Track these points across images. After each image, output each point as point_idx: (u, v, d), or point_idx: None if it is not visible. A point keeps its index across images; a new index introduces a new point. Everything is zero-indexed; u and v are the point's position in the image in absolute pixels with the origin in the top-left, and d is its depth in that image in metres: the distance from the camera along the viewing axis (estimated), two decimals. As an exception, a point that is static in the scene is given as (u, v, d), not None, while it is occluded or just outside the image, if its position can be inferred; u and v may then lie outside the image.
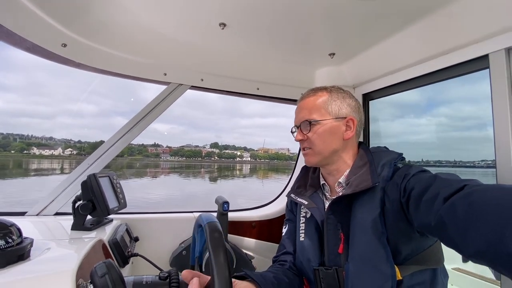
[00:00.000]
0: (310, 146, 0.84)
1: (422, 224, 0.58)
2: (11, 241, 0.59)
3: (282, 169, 31.85)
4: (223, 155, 32.12)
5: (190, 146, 32.85)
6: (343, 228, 0.75)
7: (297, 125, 0.87)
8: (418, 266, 0.69)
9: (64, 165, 22.56)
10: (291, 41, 1.18)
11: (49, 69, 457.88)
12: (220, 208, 1.19)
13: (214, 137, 52.15)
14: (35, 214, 1.07)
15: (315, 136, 0.82)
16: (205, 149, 32.32)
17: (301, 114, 0.86)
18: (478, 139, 4.30)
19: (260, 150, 35.22)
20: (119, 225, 1.03)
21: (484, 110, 0.86)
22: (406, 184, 0.66)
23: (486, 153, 0.76)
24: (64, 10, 0.93)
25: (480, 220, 0.45)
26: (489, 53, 0.85)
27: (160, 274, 0.69)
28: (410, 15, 0.97)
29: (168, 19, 1.04)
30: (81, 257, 0.61)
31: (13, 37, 0.89)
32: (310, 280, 0.82)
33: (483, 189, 0.49)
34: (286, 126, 1.08)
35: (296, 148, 1.46)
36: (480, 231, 0.44)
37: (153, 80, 1.25)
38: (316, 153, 0.83)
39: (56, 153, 21.12)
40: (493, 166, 0.88)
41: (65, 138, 44.18)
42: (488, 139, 0.88)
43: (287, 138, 8.99)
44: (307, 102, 0.87)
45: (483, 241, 0.44)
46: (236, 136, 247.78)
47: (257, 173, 30.25)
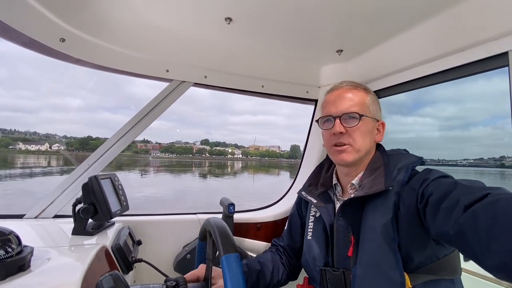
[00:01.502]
0: (348, 142, 0.77)
1: (440, 233, 0.55)
2: (10, 251, 0.56)
3: (275, 166, 32.11)
4: (214, 152, 31.73)
5: (180, 143, 32.17)
6: (353, 230, 0.73)
7: (336, 115, 0.79)
8: (431, 275, 0.66)
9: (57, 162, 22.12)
10: (297, 37, 1.14)
11: (35, 62, 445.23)
12: (226, 210, 1.15)
13: (204, 134, 52.58)
14: (33, 217, 1.03)
15: (358, 132, 0.77)
16: (196, 146, 31.90)
17: (346, 104, 0.79)
18: (461, 138, 4.37)
19: (251, 148, 35.14)
20: (122, 228, 1.00)
21: (467, 111, 0.84)
22: (424, 189, 0.63)
23: (468, 152, 0.75)
24: (62, 3, 0.88)
25: (506, 231, 0.42)
26: (508, 51, 0.82)
27: (168, 283, 0.66)
28: (422, 11, 0.93)
29: (171, 13, 0.99)
30: (85, 267, 0.57)
31: (9, 32, 0.84)
32: (314, 279, 0.82)
33: (508, 198, 0.46)
34: (276, 124, 1.06)
35: (286, 146, 1.43)
36: (505, 243, 0.41)
37: (155, 77, 1.21)
38: (356, 151, 0.78)
39: (43, 148, 20.46)
40: (475, 164, 0.87)
41: (50, 133, 43.06)
42: (470, 139, 0.86)
43: (277, 135, 8.84)
44: (350, 94, 0.81)
45: (507, 253, 0.41)
46: (225, 133, 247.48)
47: (252, 170, 30.24)
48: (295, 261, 0.98)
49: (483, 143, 23.90)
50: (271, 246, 1.05)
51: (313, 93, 1.50)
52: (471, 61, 0.94)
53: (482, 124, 31.76)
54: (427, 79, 1.13)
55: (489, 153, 15.06)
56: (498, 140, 26.31)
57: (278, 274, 0.92)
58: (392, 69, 1.25)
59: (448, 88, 6.27)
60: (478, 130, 29.11)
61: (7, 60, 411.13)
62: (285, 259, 0.98)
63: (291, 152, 35.40)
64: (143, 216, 1.20)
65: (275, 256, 0.97)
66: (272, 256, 0.96)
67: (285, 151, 36.06)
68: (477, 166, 6.20)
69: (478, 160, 4.70)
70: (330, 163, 0.95)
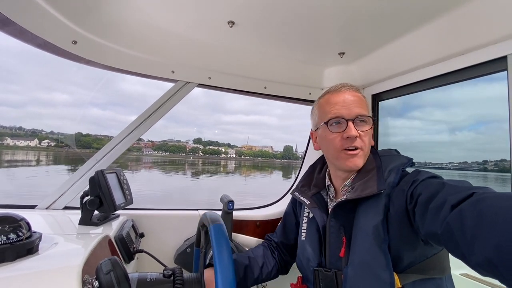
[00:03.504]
0: (360, 146, 0.76)
1: (428, 232, 0.56)
2: (21, 235, 0.61)
3: (268, 166, 31.82)
4: (208, 151, 31.35)
5: (172, 141, 31.83)
6: (346, 232, 0.74)
7: (350, 118, 0.77)
8: (420, 275, 0.67)
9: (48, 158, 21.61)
10: (300, 40, 1.16)
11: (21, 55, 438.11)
12: (225, 207, 1.19)
13: (196, 133, 51.80)
14: (44, 208, 1.10)
15: (368, 136, 0.78)
16: (189, 145, 31.59)
17: (359, 107, 0.77)
18: (447, 142, 4.37)
19: (244, 147, 34.88)
20: (125, 221, 1.05)
21: (453, 116, 0.85)
22: (413, 190, 0.64)
23: (454, 156, 0.75)
24: (75, 7, 0.94)
25: (490, 228, 0.43)
26: (507, 55, 0.82)
27: (164, 272, 0.69)
28: (424, 14, 0.94)
29: (177, 17, 1.04)
30: (88, 253, 0.62)
31: (25, 34, 0.91)
32: (308, 279, 0.84)
33: (493, 196, 0.47)
34: (268, 124, 1.07)
35: (279, 147, 1.45)
36: (489, 239, 0.42)
37: (161, 77, 1.26)
38: (365, 155, 0.78)
39: (32, 144, 20.27)
40: (460, 168, 0.86)
41: (36, 129, 42.53)
42: (455, 143, 0.86)
43: (270, 136, 8.73)
44: (358, 97, 0.80)
45: (492, 249, 0.41)
46: (218, 132, 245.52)
47: (247, 170, 29.88)
48: (288, 257, 0.99)
49: (467, 147, 24.29)
50: (265, 241, 1.07)
51: (316, 95, 1.52)
52: (471, 64, 0.94)
53: (467, 129, 31.63)
54: (429, 82, 1.14)
55: (472, 157, 15.28)
56: (481, 145, 26.08)
57: (268, 268, 0.93)
58: (393, 72, 1.25)
59: (436, 93, 6.32)
60: (463, 135, 29.26)
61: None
62: (277, 254, 1.00)
63: (284, 152, 35.04)
64: (147, 211, 1.26)
65: (267, 251, 0.99)
66: (264, 251, 0.98)
67: (277, 151, 35.76)
68: (461, 169, 6.24)
69: (462, 163, 4.68)
70: (322, 164, 0.96)
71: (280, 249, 1.01)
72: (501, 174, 9.08)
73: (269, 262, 0.95)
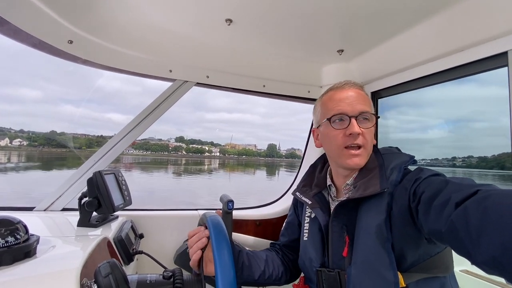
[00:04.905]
0: (363, 144, 0.75)
1: (432, 230, 0.56)
2: (19, 238, 0.60)
3: (252, 165, 31.72)
4: (192, 149, 30.59)
5: (153, 139, 30.80)
6: (348, 231, 0.73)
7: (353, 114, 0.75)
8: (424, 273, 0.66)
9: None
10: (298, 38, 1.15)
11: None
12: (225, 207, 1.18)
13: (177, 131, 50.18)
14: (43, 210, 1.09)
15: (370, 134, 0.76)
16: (172, 143, 30.77)
17: (361, 104, 0.76)
18: (420, 140, 4.55)
19: (227, 146, 34.65)
20: (124, 222, 1.04)
21: (425, 116, 0.86)
22: (416, 188, 0.64)
23: (426, 153, 0.79)
24: (70, 6, 0.93)
25: (496, 225, 0.42)
26: (508, 50, 0.81)
27: (164, 273, 0.69)
28: (423, 10, 0.93)
29: (174, 15, 1.02)
30: (86, 255, 0.61)
31: (20, 34, 0.90)
32: (311, 280, 0.83)
33: (498, 193, 0.47)
34: (252, 122, 1.05)
35: (262, 145, 1.44)
36: (495, 237, 0.42)
37: (158, 77, 1.25)
38: (367, 154, 0.77)
39: (2, 143, 19.02)
40: (431, 164, 0.86)
41: (4, 127, 39.91)
42: (428, 141, 0.87)
43: (253, 134, 8.72)
44: (361, 93, 0.79)
45: (497, 246, 0.41)
46: (199, 130, 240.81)
47: (233, 168, 29.60)
48: (295, 257, 0.95)
49: (438, 145, 25.05)
50: (270, 247, 1.02)
51: (315, 93, 1.51)
52: (471, 60, 0.93)
53: (438, 128, 32.60)
54: (428, 78, 1.13)
55: (443, 154, 16.21)
56: (451, 142, 26.91)
57: (274, 267, 0.89)
58: (392, 69, 1.25)
59: (411, 94, 6.60)
60: (434, 133, 30.14)
61: None
62: (282, 255, 0.96)
63: (268, 151, 34.99)
64: (146, 211, 1.25)
65: (271, 252, 0.95)
66: (267, 252, 0.94)
67: (261, 149, 35.69)
68: (433, 165, 6.69)
69: (434, 160, 4.87)
70: (323, 163, 0.95)
71: (284, 251, 0.98)
72: (468, 170, 9.21)
73: (275, 262, 0.91)
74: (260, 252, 0.93)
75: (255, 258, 0.87)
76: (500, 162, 8.24)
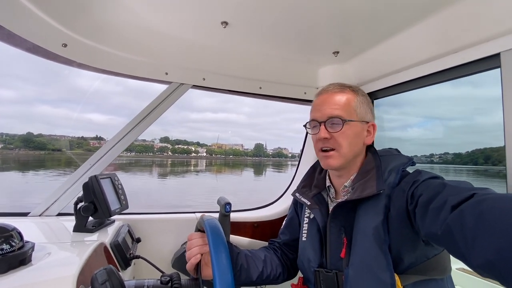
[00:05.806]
0: (334, 147, 0.77)
1: (429, 233, 0.56)
2: (14, 244, 0.59)
3: (240, 164, 31.46)
4: (178, 150, 29.73)
5: (136, 140, 29.71)
6: (346, 232, 0.74)
7: (321, 120, 0.79)
8: (422, 276, 0.67)
9: None
10: (294, 39, 1.16)
11: None
12: (222, 210, 1.18)
13: (161, 131, 47.99)
14: (38, 215, 1.08)
15: (343, 136, 0.77)
16: (157, 144, 29.93)
17: (329, 109, 0.78)
18: (400, 138, 4.75)
19: (214, 146, 34.29)
20: (121, 226, 1.03)
21: (405, 114, 0.91)
22: (414, 190, 0.64)
23: (406, 150, 0.85)
24: (64, 10, 0.92)
25: (491, 229, 0.43)
26: (500, 52, 0.83)
27: (162, 278, 0.68)
28: (418, 11, 0.94)
29: (170, 18, 1.02)
30: (82, 262, 0.60)
31: (13, 38, 0.89)
32: (309, 280, 0.83)
33: (494, 197, 0.47)
34: (237, 122, 1.05)
35: (248, 145, 1.44)
36: (490, 240, 0.42)
37: (154, 79, 1.24)
38: (341, 156, 0.78)
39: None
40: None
41: None
42: (407, 139, 0.91)
43: (239, 133, 8.72)
44: (336, 98, 0.80)
45: (493, 250, 0.41)
46: (184, 131, 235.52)
47: (221, 169, 29.21)
48: (293, 255, 0.95)
49: (417, 142, 26.54)
50: (268, 245, 1.03)
51: (311, 94, 1.52)
52: (465, 62, 0.94)
53: (417, 126, 34.92)
54: (423, 79, 1.14)
55: (421, 151, 17.53)
56: (429, 140, 29.18)
57: (272, 267, 0.89)
58: (388, 70, 1.26)
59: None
60: (413, 131, 32.12)
61: None
62: (281, 253, 0.96)
63: (255, 150, 34.91)
64: (143, 215, 1.24)
65: (269, 251, 0.95)
66: (266, 252, 0.94)
67: (248, 149, 35.59)
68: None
69: (413, 156, 5.11)
70: None
71: (284, 250, 0.98)
72: (444, 166, 9.70)
73: (273, 262, 0.91)
74: (259, 252, 0.92)
75: (254, 259, 0.87)
76: (474, 158, 8.80)
